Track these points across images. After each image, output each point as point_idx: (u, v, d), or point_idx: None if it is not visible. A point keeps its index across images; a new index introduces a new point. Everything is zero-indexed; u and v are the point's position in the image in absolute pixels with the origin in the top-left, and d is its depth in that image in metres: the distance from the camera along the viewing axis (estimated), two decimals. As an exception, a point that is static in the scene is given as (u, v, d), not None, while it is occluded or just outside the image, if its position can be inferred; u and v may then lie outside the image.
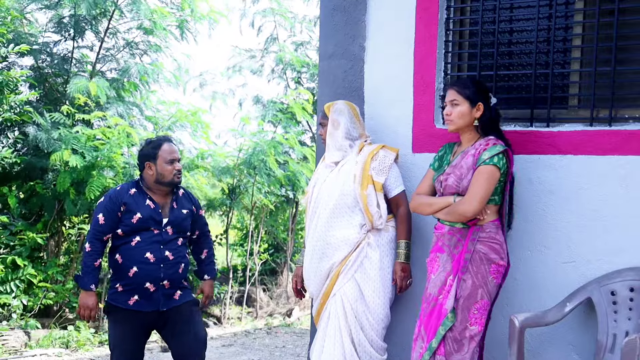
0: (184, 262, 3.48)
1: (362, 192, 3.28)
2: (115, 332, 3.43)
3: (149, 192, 3.47)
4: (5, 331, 5.77)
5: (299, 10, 22.56)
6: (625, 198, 3.04)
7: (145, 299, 3.36)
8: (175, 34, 7.50)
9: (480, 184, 2.87)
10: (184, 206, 3.55)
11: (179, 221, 3.48)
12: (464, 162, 2.97)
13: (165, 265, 3.38)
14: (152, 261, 3.35)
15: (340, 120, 3.40)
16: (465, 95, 2.98)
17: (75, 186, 6.37)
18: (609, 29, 3.15)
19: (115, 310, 3.41)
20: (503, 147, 2.92)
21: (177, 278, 3.44)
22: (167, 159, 3.42)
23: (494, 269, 2.93)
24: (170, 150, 3.46)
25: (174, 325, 3.46)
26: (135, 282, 3.34)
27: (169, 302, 3.42)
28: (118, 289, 3.39)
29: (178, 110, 7.66)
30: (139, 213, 3.37)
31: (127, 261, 3.36)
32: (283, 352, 6.19)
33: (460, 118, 2.99)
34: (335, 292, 3.29)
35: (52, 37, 7.38)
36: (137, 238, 3.37)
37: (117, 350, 3.41)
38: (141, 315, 3.38)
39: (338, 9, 3.72)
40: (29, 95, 6.68)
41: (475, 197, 2.86)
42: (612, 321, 2.97)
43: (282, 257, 9.56)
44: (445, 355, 2.92)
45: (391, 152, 3.38)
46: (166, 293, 3.40)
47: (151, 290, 3.36)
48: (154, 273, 3.35)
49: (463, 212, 2.89)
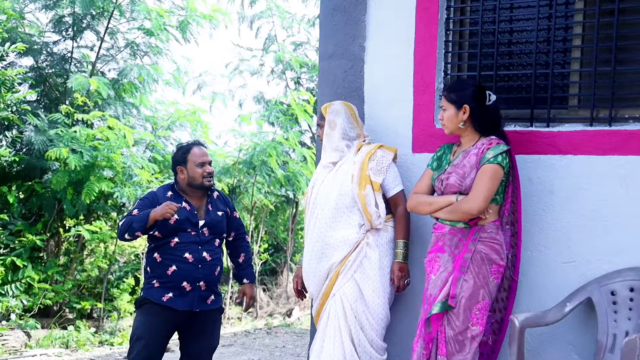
0: (219, 264, 3.55)
1: (360, 192, 3.28)
2: (144, 324, 3.44)
3: (184, 195, 3.54)
4: (5, 331, 5.77)
5: (297, 10, 22.57)
6: (625, 198, 3.04)
7: (179, 297, 3.40)
8: (176, 35, 7.50)
9: (484, 182, 2.87)
10: (218, 208, 3.61)
11: (214, 223, 3.54)
12: (467, 161, 2.97)
13: (203, 266, 3.44)
14: (191, 261, 3.41)
15: (336, 121, 3.40)
16: (450, 99, 3.02)
17: (74, 186, 6.37)
18: (609, 29, 3.15)
19: (148, 303, 3.45)
20: (506, 147, 2.93)
21: (213, 280, 3.50)
22: (196, 162, 3.50)
23: (495, 269, 2.93)
24: (200, 153, 3.53)
25: (199, 328, 3.51)
26: (173, 280, 3.39)
27: (202, 304, 3.46)
28: (154, 284, 3.44)
29: (177, 110, 7.67)
30: (176, 215, 3.41)
31: (166, 260, 3.41)
32: (283, 352, 6.20)
33: (450, 122, 3.03)
34: (335, 292, 3.29)
35: (52, 37, 7.38)
36: (176, 239, 3.43)
37: (142, 341, 3.41)
38: (172, 312, 3.41)
39: (338, 9, 3.72)
40: (25, 93, 6.68)
41: (480, 195, 2.86)
42: (612, 321, 2.97)
43: (282, 257, 9.57)
44: (447, 356, 2.92)
45: (389, 151, 3.38)
46: (201, 295, 3.46)
47: (187, 289, 3.40)
48: (192, 273, 3.40)
49: (468, 209, 2.89)
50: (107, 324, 6.77)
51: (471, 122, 3.01)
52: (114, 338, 6.40)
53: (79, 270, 7.06)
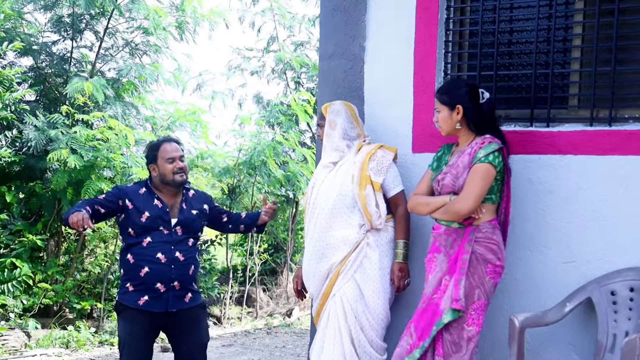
0: (194, 263, 3.51)
1: (361, 192, 3.28)
2: (125, 331, 3.45)
3: (157, 192, 3.52)
4: (5, 331, 5.77)
5: (298, 10, 22.57)
6: (625, 198, 3.04)
7: (155, 299, 3.39)
8: (175, 34, 7.50)
9: (475, 182, 2.86)
10: (193, 207, 3.58)
11: (188, 222, 3.51)
12: (460, 161, 2.97)
13: (176, 266, 3.41)
14: (164, 262, 3.39)
15: (337, 121, 3.40)
16: (442, 100, 3.01)
17: (74, 186, 6.36)
18: (609, 29, 3.15)
19: (125, 310, 3.44)
20: (498, 145, 2.91)
21: (188, 279, 3.47)
22: (165, 158, 3.47)
23: (491, 269, 2.92)
24: (170, 149, 3.51)
25: (181, 327, 3.50)
26: (146, 282, 3.37)
27: (178, 304, 3.44)
28: (129, 288, 3.42)
29: (176, 109, 7.66)
30: (147, 212, 3.42)
31: (138, 261, 3.39)
32: (283, 352, 6.19)
33: (445, 124, 3.03)
34: (335, 292, 3.29)
35: (52, 37, 7.38)
36: (148, 239, 3.41)
37: (127, 348, 3.43)
38: (150, 315, 3.40)
39: (338, 9, 3.72)
40: (24, 92, 6.67)
41: (471, 195, 2.85)
42: (612, 321, 2.97)
43: (282, 257, 9.56)
44: (443, 357, 2.91)
45: (389, 151, 3.37)
46: (176, 294, 3.43)
47: (161, 290, 3.39)
48: (165, 273, 3.38)
49: (458, 210, 2.88)
50: (107, 324, 6.76)
51: (466, 122, 3.00)
52: (114, 338, 6.38)
53: (79, 270, 7.05)
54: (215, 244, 8.40)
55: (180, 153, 3.54)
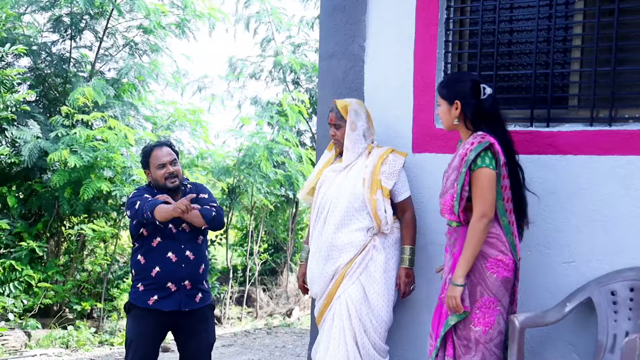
0: (204, 261, 3.52)
1: (372, 196, 3.27)
2: (133, 330, 3.45)
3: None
4: (5, 331, 5.77)
5: (296, 11, 22.59)
6: (625, 198, 3.04)
7: (165, 299, 3.39)
8: (175, 32, 7.50)
9: (482, 191, 2.81)
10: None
11: None
12: (454, 162, 2.95)
13: (186, 265, 3.41)
14: (175, 261, 3.39)
15: (357, 123, 3.36)
16: (442, 95, 2.99)
17: (73, 186, 6.36)
18: (609, 29, 3.15)
19: (135, 309, 3.45)
20: (486, 143, 2.81)
21: (199, 278, 3.48)
22: (156, 165, 3.46)
23: (492, 264, 2.84)
24: (160, 155, 3.47)
25: (190, 327, 3.50)
26: (157, 281, 3.38)
27: (190, 303, 3.45)
28: (139, 288, 3.43)
29: (176, 109, 7.66)
30: None
31: (149, 261, 3.40)
32: (283, 352, 6.19)
33: (443, 118, 3.01)
34: (340, 294, 3.28)
35: (51, 37, 7.38)
36: (158, 239, 3.41)
37: (134, 346, 3.43)
38: (160, 315, 3.41)
39: (338, 8, 3.72)
40: (25, 94, 6.67)
41: (484, 204, 2.80)
42: (612, 321, 2.97)
43: (282, 257, 9.56)
44: (454, 357, 2.89)
45: (400, 156, 3.36)
46: (188, 294, 3.44)
47: (172, 290, 3.39)
48: (176, 273, 3.39)
49: (484, 224, 2.79)
50: (107, 324, 6.76)
51: (463, 118, 2.94)
52: (114, 338, 6.39)
53: (79, 270, 7.05)
54: (215, 244, 8.41)
55: (172, 157, 3.49)
